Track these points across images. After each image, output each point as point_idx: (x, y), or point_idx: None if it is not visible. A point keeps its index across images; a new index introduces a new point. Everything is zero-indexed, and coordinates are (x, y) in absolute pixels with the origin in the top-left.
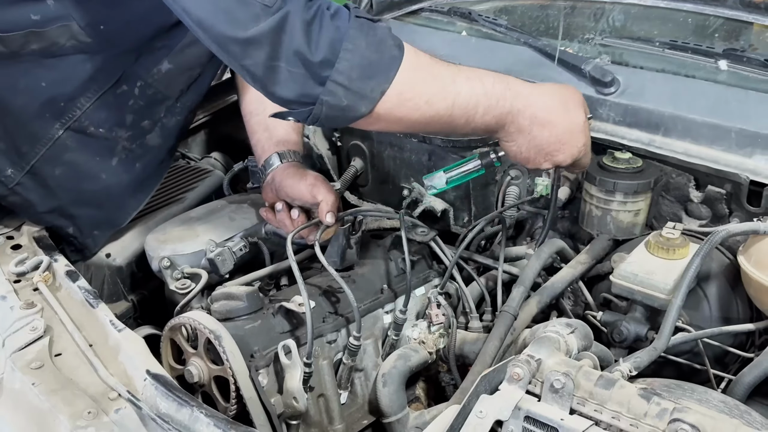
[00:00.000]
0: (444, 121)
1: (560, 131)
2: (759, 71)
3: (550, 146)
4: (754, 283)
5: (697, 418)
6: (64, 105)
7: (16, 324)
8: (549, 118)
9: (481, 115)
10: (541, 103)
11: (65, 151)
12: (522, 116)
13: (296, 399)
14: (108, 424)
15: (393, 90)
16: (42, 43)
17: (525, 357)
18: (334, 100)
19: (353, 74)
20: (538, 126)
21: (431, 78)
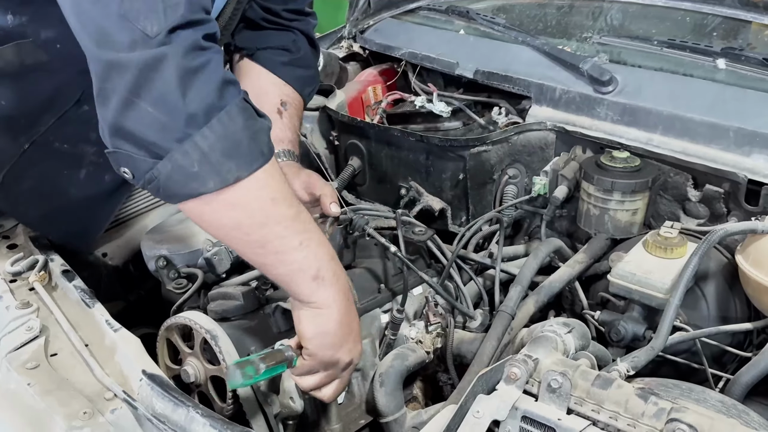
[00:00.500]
0: (259, 247)
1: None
2: (757, 70)
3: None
4: (752, 282)
5: (695, 418)
6: (25, 122)
7: (12, 324)
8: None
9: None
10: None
11: (32, 165)
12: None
13: (293, 399)
14: (104, 424)
15: (247, 182)
16: (1, 61)
17: (522, 357)
18: (186, 162)
19: (217, 146)
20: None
21: (281, 198)
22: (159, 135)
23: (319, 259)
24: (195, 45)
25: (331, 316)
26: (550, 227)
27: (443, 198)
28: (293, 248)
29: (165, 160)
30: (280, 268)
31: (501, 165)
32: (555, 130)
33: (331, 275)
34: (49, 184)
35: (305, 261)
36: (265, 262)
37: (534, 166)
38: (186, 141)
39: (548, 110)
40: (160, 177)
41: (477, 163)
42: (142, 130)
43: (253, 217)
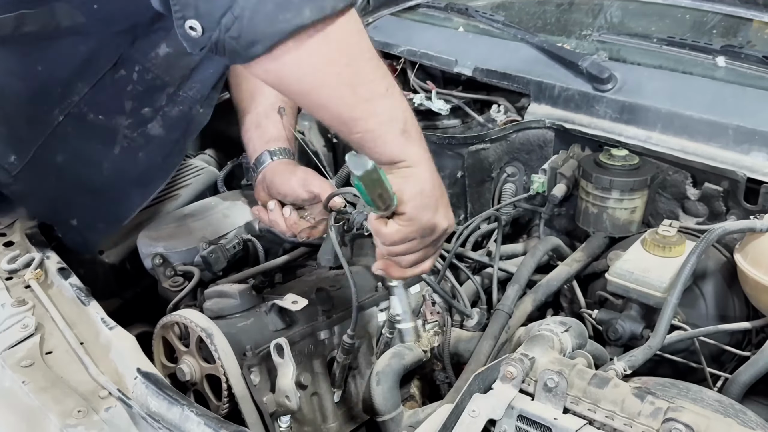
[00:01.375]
0: (350, 93)
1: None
2: (757, 68)
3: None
4: (751, 281)
5: (692, 417)
6: (61, 90)
7: (7, 321)
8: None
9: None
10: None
11: (66, 138)
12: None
13: (288, 397)
14: (98, 422)
15: (343, 14)
16: (35, 24)
17: (518, 356)
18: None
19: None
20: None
21: (377, 78)
22: None
23: (405, 110)
24: None
25: (425, 174)
26: (549, 225)
27: None
28: (381, 95)
29: (229, 13)
30: (369, 121)
31: (499, 163)
32: (553, 128)
33: (416, 130)
34: (83, 159)
35: (393, 111)
36: (352, 115)
37: (533, 164)
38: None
39: (547, 108)
40: (243, 14)
41: (475, 161)
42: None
43: (348, 54)
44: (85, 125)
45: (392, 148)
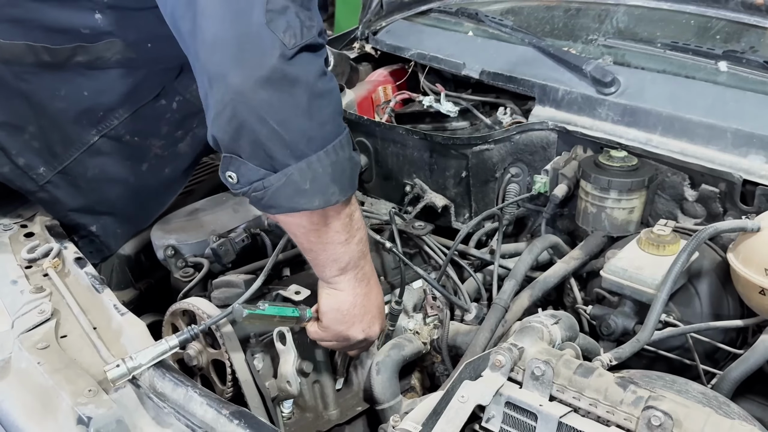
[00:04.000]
0: (317, 240)
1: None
2: (758, 73)
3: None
4: (742, 279)
5: (671, 406)
6: (102, 114)
7: (26, 307)
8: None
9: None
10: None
11: (98, 156)
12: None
13: (289, 383)
14: (107, 401)
15: (342, 205)
16: (88, 56)
17: (508, 345)
18: (299, 179)
19: (329, 170)
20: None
21: (342, 230)
22: (280, 151)
23: (352, 255)
24: (322, 70)
25: (346, 298)
26: (552, 225)
27: (447, 195)
28: (339, 243)
29: (280, 174)
30: (320, 255)
31: (503, 163)
32: (556, 129)
33: (356, 268)
34: (112, 175)
35: (341, 255)
36: (312, 248)
37: (536, 165)
38: (303, 160)
39: (551, 110)
40: (269, 188)
41: (479, 162)
42: (266, 142)
43: (331, 228)
44: (118, 145)
45: (327, 275)
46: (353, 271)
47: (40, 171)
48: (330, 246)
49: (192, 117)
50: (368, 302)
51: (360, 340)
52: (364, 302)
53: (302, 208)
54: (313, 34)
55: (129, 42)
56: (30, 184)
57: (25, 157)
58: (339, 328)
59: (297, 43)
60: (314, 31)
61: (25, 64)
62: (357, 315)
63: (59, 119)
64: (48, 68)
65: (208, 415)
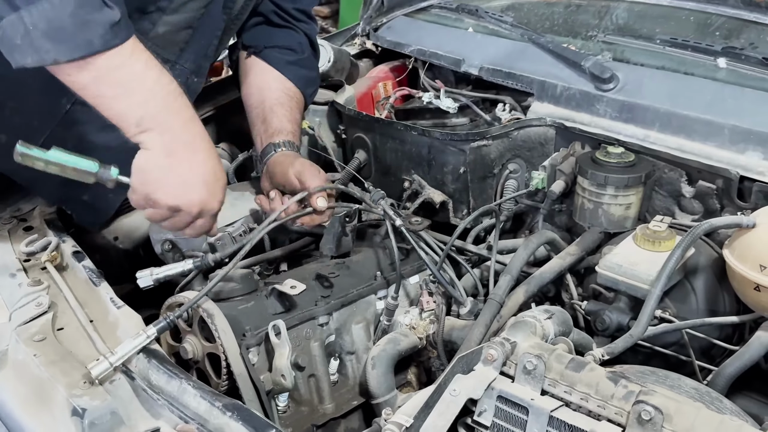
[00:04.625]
0: (93, 104)
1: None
2: (757, 69)
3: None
4: (738, 276)
5: (661, 400)
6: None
7: (23, 300)
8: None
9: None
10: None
11: (74, 125)
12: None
13: (284, 377)
14: (101, 393)
15: (66, 66)
16: None
17: (500, 339)
18: (11, 33)
19: (40, 25)
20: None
21: (109, 83)
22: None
23: (140, 112)
24: None
25: (151, 158)
26: (550, 221)
27: (445, 191)
28: (111, 97)
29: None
30: (104, 111)
31: (501, 160)
32: (554, 126)
33: (159, 128)
34: (91, 142)
35: (124, 110)
36: (92, 103)
37: (534, 161)
38: (15, 13)
39: (549, 107)
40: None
41: (477, 158)
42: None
43: (91, 82)
44: (91, 111)
45: (128, 133)
46: (157, 132)
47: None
48: (101, 100)
49: None
50: (184, 168)
51: (172, 206)
52: (177, 167)
53: (18, 64)
54: None
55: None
56: (13, 162)
57: (6, 133)
58: (145, 190)
59: None
60: None
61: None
62: (164, 179)
63: (31, 92)
64: None
65: (201, 407)
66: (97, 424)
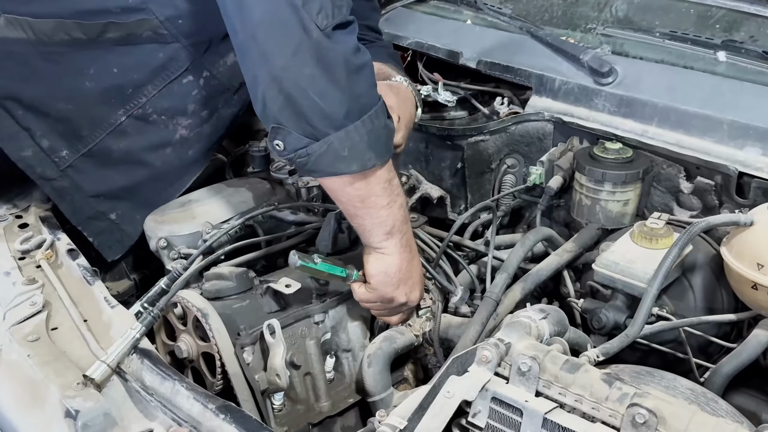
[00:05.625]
0: (360, 204)
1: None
2: (757, 63)
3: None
4: (735, 274)
5: (655, 403)
6: (131, 92)
7: (17, 299)
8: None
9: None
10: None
11: (124, 137)
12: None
13: (279, 376)
14: (95, 394)
15: (378, 169)
16: (119, 32)
17: (494, 340)
18: (339, 147)
19: (365, 137)
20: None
21: (384, 194)
22: (321, 122)
23: (395, 219)
24: (356, 46)
25: (393, 261)
26: (548, 217)
27: (442, 186)
28: (381, 207)
29: (321, 142)
30: (366, 219)
31: (499, 155)
32: (552, 120)
33: (401, 233)
34: (136, 157)
35: (385, 219)
36: (357, 213)
37: (532, 156)
38: (342, 130)
39: (548, 101)
40: (312, 155)
41: (475, 153)
42: (308, 113)
43: (372, 192)
44: (144, 126)
45: (374, 240)
46: (398, 236)
47: (62, 154)
48: (373, 210)
49: (218, 96)
50: (411, 267)
51: (402, 303)
52: (408, 267)
53: (341, 172)
54: (344, 13)
55: (161, 19)
56: (51, 168)
57: (49, 139)
58: (386, 290)
59: (329, 23)
60: (344, 10)
61: (55, 43)
62: (402, 278)
63: (86, 100)
64: (78, 46)
65: (194, 409)
66: (90, 426)
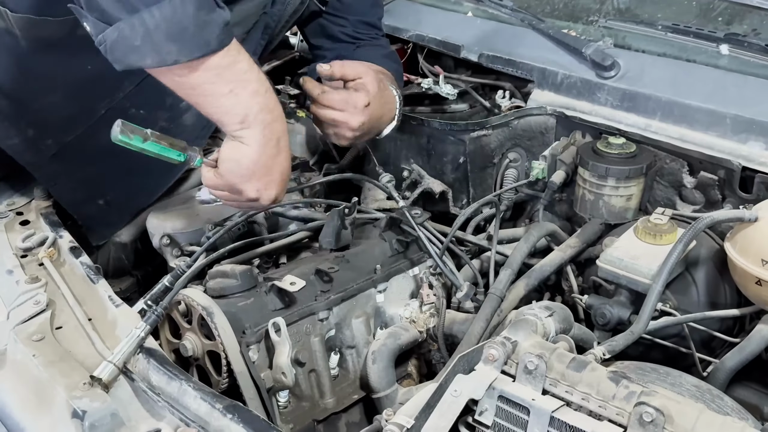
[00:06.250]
0: (196, 103)
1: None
2: (759, 57)
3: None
4: (739, 270)
5: (662, 401)
6: (108, 86)
7: (21, 297)
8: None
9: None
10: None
11: (106, 128)
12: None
13: (284, 374)
14: (101, 395)
15: (189, 67)
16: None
17: (501, 339)
18: (130, 35)
19: (162, 26)
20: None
21: (220, 81)
22: (111, 3)
23: (247, 107)
24: None
25: (249, 152)
26: (550, 211)
27: (444, 181)
28: (221, 95)
29: (112, 28)
30: (206, 108)
31: (501, 149)
32: (555, 114)
33: (262, 124)
34: (119, 148)
35: (232, 106)
36: (195, 101)
37: (534, 150)
38: (134, 15)
39: (550, 95)
40: (106, 42)
41: (477, 147)
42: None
43: (203, 80)
44: (126, 118)
45: (228, 128)
46: (259, 127)
47: (48, 142)
48: (211, 99)
49: None
50: (273, 164)
51: (252, 198)
52: (269, 162)
53: (136, 65)
54: None
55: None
56: (39, 156)
57: (33, 128)
58: (234, 180)
59: None
60: None
61: (32, 39)
62: (256, 172)
63: (66, 93)
64: (53, 43)
65: (201, 409)
66: (97, 426)
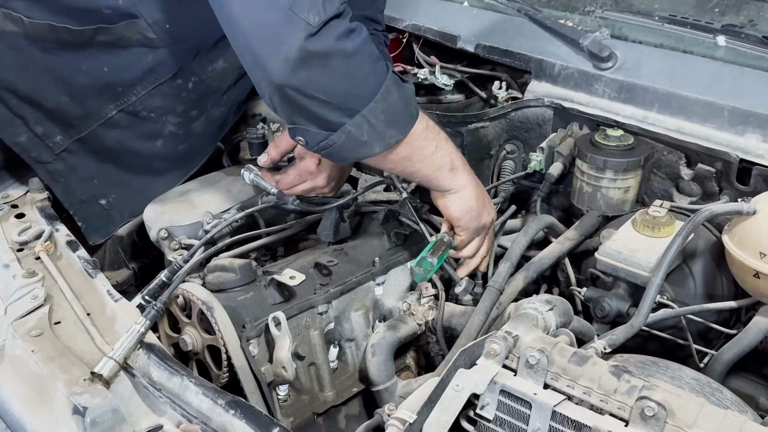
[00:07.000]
0: (407, 162)
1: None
2: (756, 48)
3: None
4: (737, 262)
5: (664, 396)
6: (121, 90)
7: (18, 292)
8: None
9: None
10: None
11: (115, 128)
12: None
13: (285, 368)
14: (102, 390)
15: (404, 142)
16: (109, 36)
17: (502, 333)
18: (357, 134)
19: (381, 117)
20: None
21: (427, 143)
22: (332, 114)
23: (450, 153)
24: (347, 29)
25: (470, 194)
26: (548, 203)
27: None
28: (431, 153)
29: (339, 132)
30: (424, 171)
31: (499, 141)
32: (552, 106)
33: (461, 163)
34: (127, 147)
35: (441, 158)
36: (413, 170)
37: (532, 142)
38: (356, 116)
39: (547, 86)
40: (333, 146)
41: (474, 139)
42: (318, 111)
43: (416, 148)
44: (135, 120)
45: (443, 183)
46: (459, 163)
47: (56, 139)
48: (426, 160)
49: (207, 97)
50: (480, 188)
51: (490, 221)
52: (479, 188)
53: (366, 156)
54: (335, 5)
55: (150, 23)
56: (46, 153)
57: (43, 126)
58: (474, 223)
59: (321, 19)
60: (336, 2)
61: (49, 42)
62: (482, 203)
63: (79, 93)
64: (70, 47)
65: (203, 405)
66: (98, 422)
